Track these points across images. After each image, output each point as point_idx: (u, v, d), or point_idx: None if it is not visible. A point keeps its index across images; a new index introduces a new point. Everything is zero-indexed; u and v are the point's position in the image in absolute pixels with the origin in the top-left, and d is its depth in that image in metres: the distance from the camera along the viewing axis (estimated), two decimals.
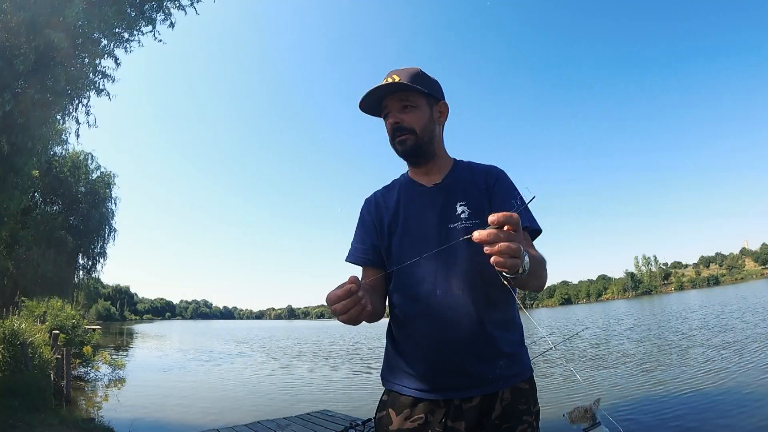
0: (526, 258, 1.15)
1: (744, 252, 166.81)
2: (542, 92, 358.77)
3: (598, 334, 25.94)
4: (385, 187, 1.86)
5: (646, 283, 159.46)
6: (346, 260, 1.79)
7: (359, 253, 1.76)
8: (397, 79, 1.62)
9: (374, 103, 1.69)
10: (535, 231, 1.64)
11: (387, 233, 1.72)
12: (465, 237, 1.14)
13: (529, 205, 1.62)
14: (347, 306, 1.23)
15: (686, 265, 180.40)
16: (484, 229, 1.06)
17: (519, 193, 1.67)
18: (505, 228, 1.05)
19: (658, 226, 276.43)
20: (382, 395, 1.67)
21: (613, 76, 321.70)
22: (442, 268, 1.57)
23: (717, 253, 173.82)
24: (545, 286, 1.54)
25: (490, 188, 1.67)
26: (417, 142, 1.66)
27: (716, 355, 13.99)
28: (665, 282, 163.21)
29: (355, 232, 1.82)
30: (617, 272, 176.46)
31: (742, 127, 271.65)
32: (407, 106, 1.64)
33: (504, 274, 1.13)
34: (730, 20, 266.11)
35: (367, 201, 1.85)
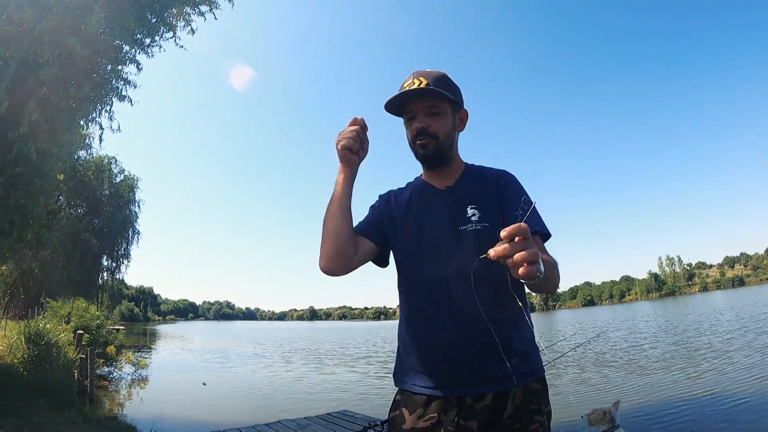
0: (541, 263, 1.19)
1: None
2: (563, 88, 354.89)
3: (620, 336, 25.68)
4: (399, 188, 1.90)
5: (670, 284, 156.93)
6: None
7: (361, 224, 1.80)
8: (424, 82, 1.63)
9: (398, 103, 1.70)
10: (545, 235, 1.67)
11: (397, 230, 1.76)
12: (482, 257, 1.18)
13: (539, 211, 1.69)
14: (356, 136, 1.59)
15: (710, 266, 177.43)
16: (494, 231, 1.15)
17: (529, 198, 1.70)
18: (516, 239, 1.09)
19: (682, 225, 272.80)
20: (396, 395, 1.69)
21: (641, 72, 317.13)
22: (453, 269, 1.59)
23: (742, 253, 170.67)
24: (559, 287, 1.57)
25: (501, 192, 1.70)
26: (438, 148, 1.69)
27: (758, 361, 13.11)
28: (689, 283, 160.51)
29: (365, 218, 1.86)
30: (641, 273, 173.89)
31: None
32: (434, 113, 1.67)
33: (521, 281, 1.20)
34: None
35: (381, 196, 1.90)
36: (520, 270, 1.08)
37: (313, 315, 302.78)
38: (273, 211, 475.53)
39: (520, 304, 1.38)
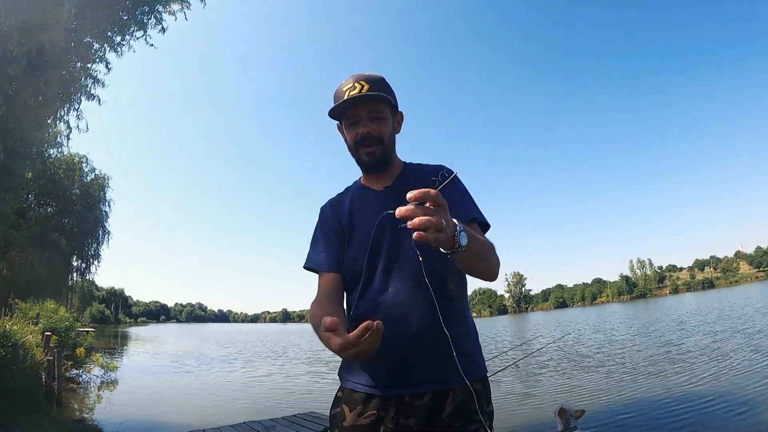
0: (464, 236, 1.19)
1: (738, 255, 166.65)
2: (532, 89, 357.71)
3: (590, 338, 26.00)
4: (338, 195, 1.89)
5: (641, 287, 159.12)
6: (305, 267, 1.79)
7: (324, 260, 1.75)
8: (366, 86, 1.63)
9: (342, 109, 1.69)
10: (483, 224, 1.69)
11: (344, 238, 1.75)
12: (389, 212, 1.17)
13: (477, 202, 1.72)
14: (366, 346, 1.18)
15: (681, 268, 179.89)
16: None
17: (467, 190, 1.75)
18: (427, 205, 1.08)
19: (654, 229, 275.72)
20: (337, 392, 1.70)
21: (610, 76, 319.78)
22: (393, 267, 1.61)
23: (712, 256, 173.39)
24: (498, 274, 1.54)
25: (438, 187, 1.71)
26: (383, 152, 1.70)
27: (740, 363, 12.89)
28: (660, 285, 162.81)
29: (315, 238, 1.83)
30: (612, 276, 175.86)
31: (739, 131, 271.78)
32: (377, 117, 1.67)
33: (442, 251, 1.18)
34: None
35: (323, 209, 1.87)
36: (414, 234, 1.06)
37: (286, 317, 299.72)
38: (246, 214, 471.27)
39: (427, 281, 1.35)
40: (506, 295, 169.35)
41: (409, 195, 1.09)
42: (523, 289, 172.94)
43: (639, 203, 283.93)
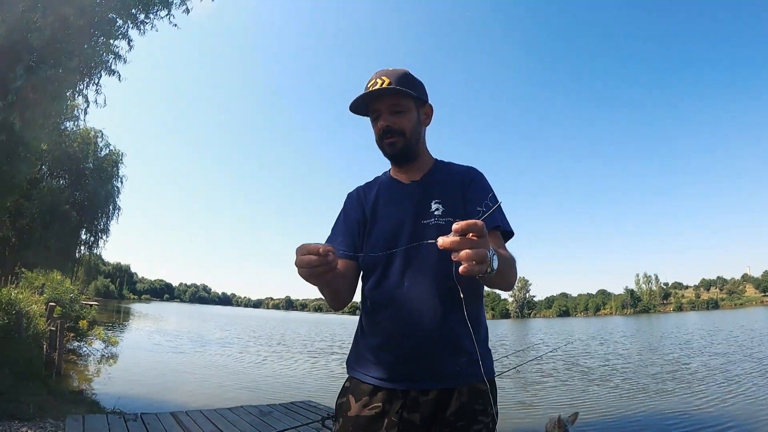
0: (495, 259, 1.17)
1: (745, 278, 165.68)
2: (546, 99, 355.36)
3: (595, 350, 25.86)
4: (367, 183, 1.91)
5: (645, 302, 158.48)
6: None
7: (339, 245, 1.75)
8: (386, 81, 1.65)
9: (363, 104, 1.72)
10: (507, 232, 1.68)
11: (367, 227, 1.77)
12: (429, 241, 1.19)
13: (503, 208, 1.68)
14: (313, 262, 1.22)
15: (687, 287, 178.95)
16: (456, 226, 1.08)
17: (494, 195, 1.72)
18: (470, 236, 1.07)
19: (662, 245, 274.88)
20: (345, 381, 1.71)
21: (629, 86, 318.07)
22: (411, 262, 1.62)
23: (718, 277, 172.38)
24: (514, 285, 1.56)
25: (466, 188, 1.72)
26: (406, 145, 1.71)
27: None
28: (664, 302, 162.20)
29: (336, 223, 1.86)
30: (617, 288, 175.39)
31: (758, 154, 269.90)
32: (398, 111, 1.68)
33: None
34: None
35: (350, 196, 1.90)
36: (461, 267, 1.06)
37: (288, 305, 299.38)
38: (256, 200, 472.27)
39: (462, 295, 1.35)
40: (510, 300, 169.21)
41: (455, 226, 1.07)
42: (527, 294, 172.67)
43: (649, 217, 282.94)
